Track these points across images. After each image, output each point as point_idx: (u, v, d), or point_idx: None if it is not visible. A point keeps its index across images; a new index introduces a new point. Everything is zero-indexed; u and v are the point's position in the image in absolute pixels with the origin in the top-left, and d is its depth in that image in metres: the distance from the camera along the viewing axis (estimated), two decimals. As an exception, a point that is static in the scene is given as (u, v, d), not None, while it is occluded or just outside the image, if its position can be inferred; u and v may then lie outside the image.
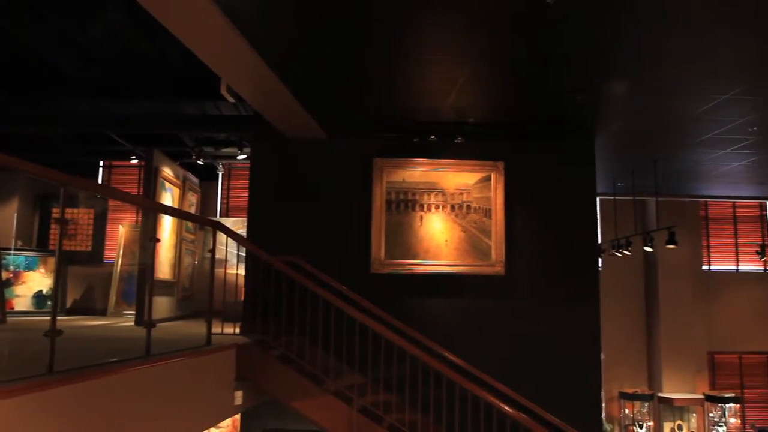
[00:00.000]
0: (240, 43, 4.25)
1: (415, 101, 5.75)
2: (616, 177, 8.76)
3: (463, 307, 6.48)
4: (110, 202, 9.75)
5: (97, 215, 9.53)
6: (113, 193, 7.60)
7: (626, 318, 10.56)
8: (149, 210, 5.80)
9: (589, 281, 6.59)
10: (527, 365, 6.39)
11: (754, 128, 6.35)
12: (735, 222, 11.12)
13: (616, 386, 10.31)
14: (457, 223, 6.49)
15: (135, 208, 9.78)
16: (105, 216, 9.83)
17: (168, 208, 7.10)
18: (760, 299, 10.91)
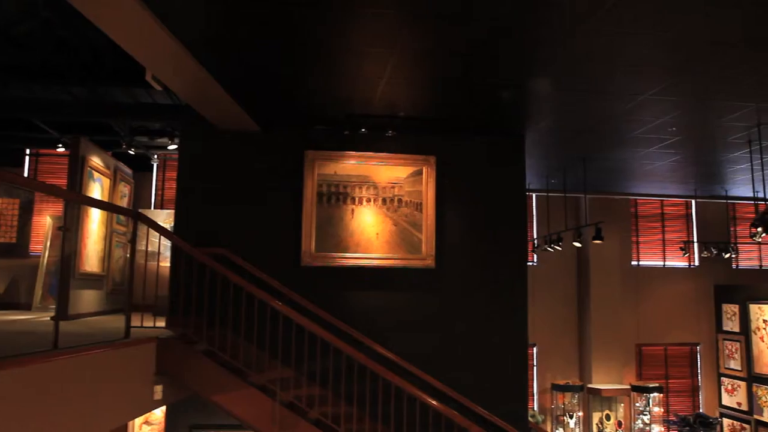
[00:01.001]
0: (158, 30, 4.15)
1: (346, 93, 5.73)
2: (549, 174, 8.98)
3: (394, 301, 6.52)
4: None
5: (23, 205, 9.16)
6: (13, 180, 7.30)
7: (560, 312, 10.85)
8: (66, 200, 5.59)
9: (517, 275, 6.73)
10: (457, 358, 6.50)
11: (673, 128, 6.61)
12: (662, 219, 11.57)
13: (549, 378, 10.59)
14: (389, 217, 6.52)
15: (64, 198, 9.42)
16: (31, 206, 9.45)
17: (80, 196, 6.83)
18: (685, 293, 11.40)
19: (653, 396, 10.20)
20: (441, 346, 6.49)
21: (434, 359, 6.39)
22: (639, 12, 4.01)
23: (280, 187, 6.50)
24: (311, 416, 5.34)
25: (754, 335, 10.47)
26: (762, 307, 10.29)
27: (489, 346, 6.57)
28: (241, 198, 6.47)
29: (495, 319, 6.62)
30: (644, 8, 3.96)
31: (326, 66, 5.07)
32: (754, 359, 10.43)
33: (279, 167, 6.53)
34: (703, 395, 11.32)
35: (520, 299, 6.69)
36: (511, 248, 6.75)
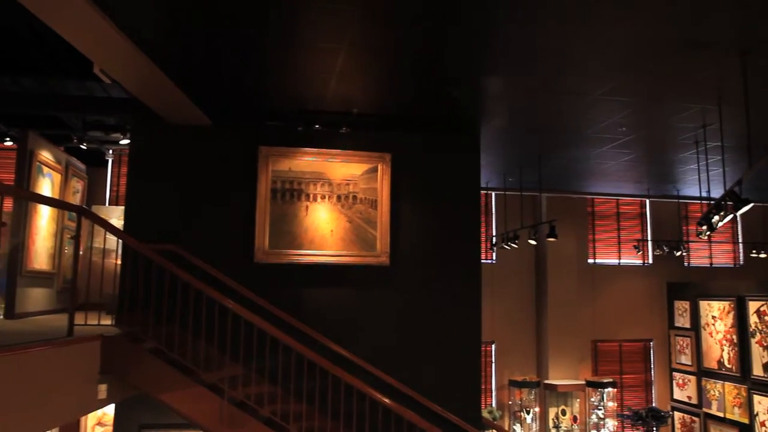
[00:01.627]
0: (101, 21, 4.06)
1: (298, 89, 5.71)
2: (507, 172, 9.08)
3: (349, 298, 6.52)
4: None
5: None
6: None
7: (518, 309, 10.99)
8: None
9: (472, 273, 6.78)
10: (411, 355, 6.52)
11: (623, 128, 6.75)
12: (618, 218, 11.81)
13: (508, 374, 10.71)
14: (343, 214, 6.51)
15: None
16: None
17: (18, 191, 6.65)
18: (639, 291, 11.66)
19: (607, 391, 10.41)
20: (395, 343, 6.50)
21: (388, 356, 6.40)
22: (585, 10, 4.08)
23: (234, 183, 6.44)
24: (262, 414, 5.31)
25: (703, 331, 10.77)
26: (711, 304, 10.59)
27: (443, 343, 6.61)
28: (193, 194, 6.38)
29: (449, 316, 6.66)
30: (591, 6, 4.03)
31: (276, 60, 5.04)
32: (704, 354, 10.73)
33: (232, 163, 6.47)
34: (656, 389, 11.60)
35: (473, 296, 6.74)
36: (466, 246, 6.80)
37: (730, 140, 6.98)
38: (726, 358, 10.25)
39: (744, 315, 9.89)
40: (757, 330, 9.65)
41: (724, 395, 10.25)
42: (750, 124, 5.26)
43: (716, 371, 10.45)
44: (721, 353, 10.36)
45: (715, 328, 10.50)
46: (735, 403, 10.03)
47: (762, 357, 9.54)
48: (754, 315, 9.69)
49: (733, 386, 10.07)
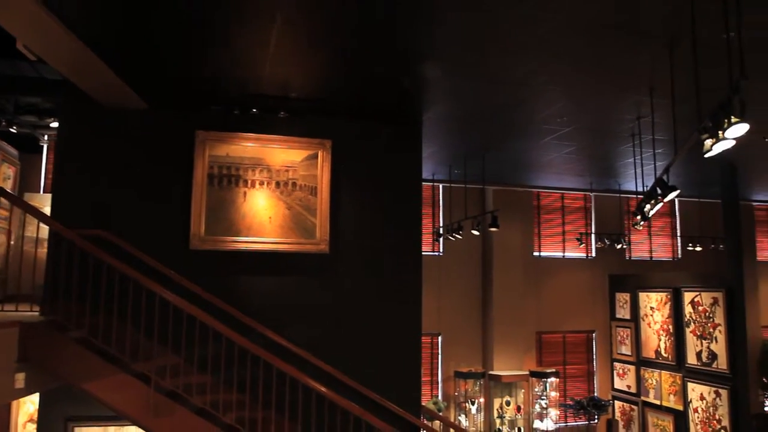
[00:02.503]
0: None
1: (233, 71, 5.58)
2: (452, 163, 9.12)
3: (287, 286, 6.42)
4: None
5: None
6: None
7: (465, 302, 11.08)
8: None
9: (412, 262, 6.77)
10: (351, 344, 6.47)
11: (563, 118, 6.85)
12: (563, 212, 12.03)
13: (454, 366, 10.78)
14: (282, 201, 6.41)
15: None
16: None
17: None
18: (582, 283, 11.91)
19: (550, 381, 10.59)
20: (334, 332, 6.44)
21: (328, 345, 6.33)
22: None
23: (170, 168, 6.26)
24: (193, 404, 5.18)
25: (642, 322, 11.07)
26: (649, 295, 10.89)
27: (383, 333, 6.58)
28: (127, 179, 6.17)
29: (389, 306, 6.63)
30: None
31: (209, 38, 4.91)
32: (642, 344, 11.03)
33: (169, 147, 6.28)
34: (598, 379, 11.88)
35: (414, 286, 6.73)
36: (407, 236, 6.79)
37: (663, 133, 7.17)
38: (663, 347, 10.56)
39: (680, 305, 10.20)
40: (691, 320, 9.97)
41: (660, 383, 10.56)
42: (676, 116, 5.40)
43: (654, 360, 10.76)
44: (659, 343, 10.66)
45: (653, 318, 10.80)
46: (671, 390, 10.35)
47: (696, 346, 9.86)
48: (689, 305, 10.01)
49: (669, 375, 10.39)
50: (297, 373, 5.33)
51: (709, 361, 9.60)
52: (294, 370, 5.30)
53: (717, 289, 9.49)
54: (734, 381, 9.14)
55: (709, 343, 9.60)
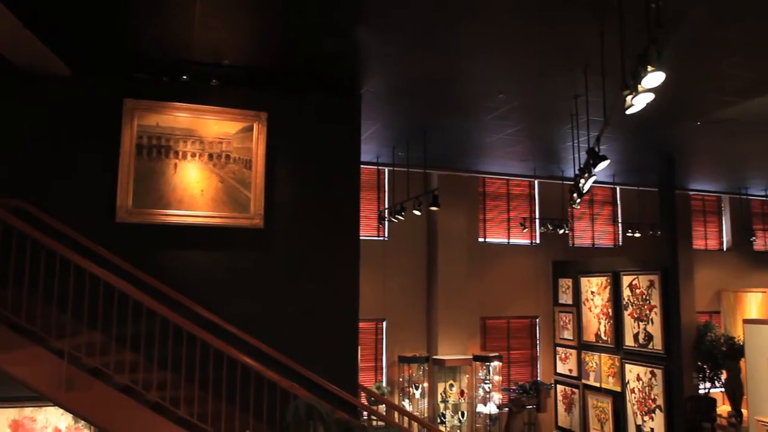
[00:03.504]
0: None
1: (159, 33, 5.36)
2: (396, 145, 9.06)
3: (220, 261, 6.23)
4: None
5: None
6: None
7: (410, 287, 11.04)
8: None
9: (349, 240, 6.66)
10: (286, 322, 6.31)
11: (501, 95, 6.86)
12: (508, 199, 12.14)
13: (398, 351, 10.73)
14: (215, 173, 6.22)
15: None
16: None
17: None
18: (527, 269, 12.04)
19: (494, 365, 10.66)
20: (269, 310, 6.28)
21: (262, 323, 6.17)
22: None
23: (95, 138, 5.98)
24: (118, 381, 4.98)
25: (583, 306, 11.28)
26: (590, 280, 11.10)
27: (319, 310, 6.45)
28: (49, 148, 5.87)
29: (325, 284, 6.51)
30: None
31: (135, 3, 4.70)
32: (583, 328, 11.24)
33: (94, 115, 6.01)
34: (541, 364, 12.03)
35: (351, 265, 6.63)
36: (345, 211, 6.68)
37: (600, 114, 7.28)
38: (603, 330, 10.77)
39: (618, 289, 10.42)
40: (629, 303, 10.19)
41: (600, 366, 10.77)
42: (606, 92, 5.45)
43: (594, 344, 10.97)
44: (599, 326, 10.87)
45: (594, 302, 11.01)
46: (610, 373, 10.56)
47: (633, 328, 10.08)
48: (627, 289, 10.24)
49: (608, 357, 10.60)
50: (228, 348, 5.18)
51: (645, 342, 9.83)
52: (226, 346, 5.16)
53: (653, 272, 9.73)
54: (668, 361, 9.38)
55: (646, 324, 9.83)
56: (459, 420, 10.48)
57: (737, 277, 14.19)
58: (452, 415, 10.50)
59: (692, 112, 7.56)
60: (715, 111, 7.43)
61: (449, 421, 10.44)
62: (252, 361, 5.43)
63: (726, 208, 14.48)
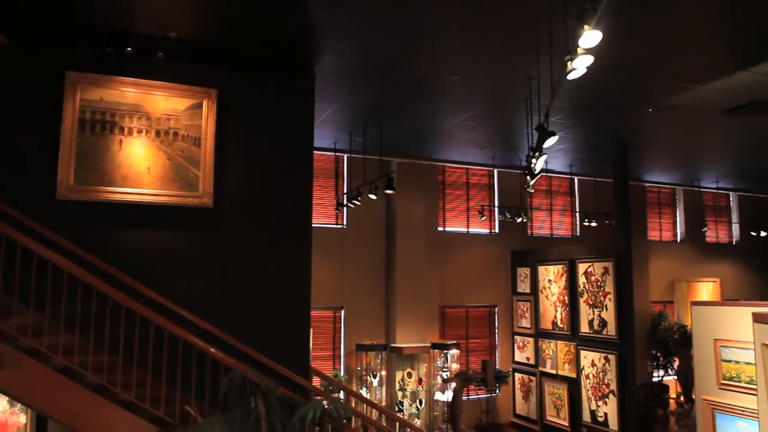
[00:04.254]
0: None
1: (104, 4, 5.18)
2: (353, 131, 8.98)
3: (167, 240, 6.07)
4: None
5: None
6: None
7: (368, 275, 10.98)
8: None
9: (302, 222, 6.57)
10: (236, 304, 6.19)
11: (456, 76, 6.84)
12: (468, 188, 12.18)
13: (356, 339, 10.65)
14: (162, 151, 6.05)
15: None
16: None
17: None
18: (486, 259, 12.10)
19: (452, 353, 10.67)
20: (218, 291, 6.14)
21: (211, 304, 6.03)
22: None
23: (36, 111, 5.76)
24: (56, 362, 4.80)
25: (540, 294, 11.39)
26: (548, 268, 11.21)
27: (270, 293, 6.33)
28: (-16, 122, 5.63)
29: (277, 265, 6.41)
30: None
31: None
32: (540, 316, 11.35)
33: (34, 88, 5.78)
34: (499, 353, 12.11)
35: (303, 246, 6.54)
36: (297, 194, 6.57)
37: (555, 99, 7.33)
38: (559, 318, 10.89)
39: (574, 277, 10.55)
40: (584, 290, 10.32)
41: (556, 353, 10.89)
42: (555, 70, 5.46)
43: (551, 332, 11.08)
44: (555, 314, 10.99)
45: (551, 290, 11.12)
46: (566, 359, 10.69)
47: (588, 315, 10.22)
48: (583, 276, 10.36)
49: (564, 344, 10.72)
50: (172, 326, 5.03)
51: (599, 328, 9.97)
52: (170, 324, 5.01)
53: (608, 259, 9.87)
54: (622, 346, 9.53)
55: (600, 311, 9.97)
56: (417, 408, 10.47)
57: (690, 267, 14.54)
58: (410, 403, 10.49)
59: (643, 97, 7.67)
60: (666, 97, 7.56)
61: (407, 409, 10.42)
62: (196, 338, 5.30)
63: (680, 200, 14.81)
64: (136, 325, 5.10)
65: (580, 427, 10.27)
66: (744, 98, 7.71)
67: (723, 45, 6.06)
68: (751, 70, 6.66)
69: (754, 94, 7.58)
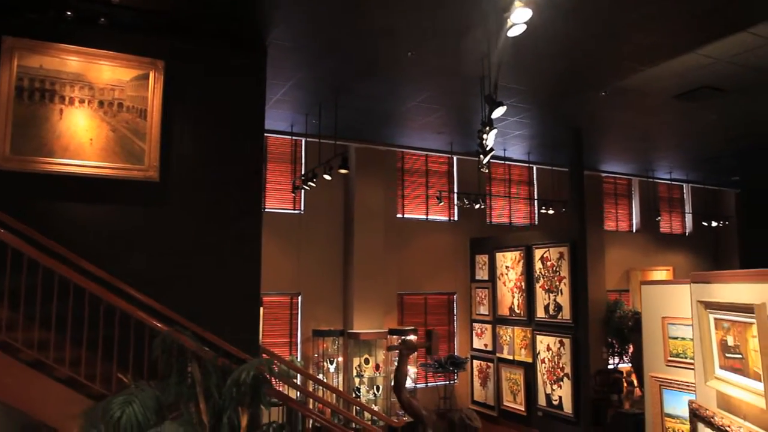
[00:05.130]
0: None
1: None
2: (309, 112, 8.87)
3: (111, 213, 5.88)
4: None
5: None
6: None
7: (326, 262, 10.87)
8: None
9: (252, 198, 6.45)
10: (182, 280, 6.03)
11: (410, 53, 6.80)
12: (427, 175, 12.17)
13: (314, 326, 10.54)
14: (106, 122, 5.86)
15: None
16: None
17: None
18: (445, 246, 12.11)
19: (409, 339, 10.64)
20: (164, 266, 5.98)
21: (155, 280, 5.86)
22: None
23: (-31, 79, 5.51)
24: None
25: (498, 281, 11.45)
26: (505, 255, 11.28)
27: (218, 269, 6.20)
28: None
29: (225, 241, 6.27)
30: None
31: None
32: (498, 303, 11.41)
33: (-32, 55, 5.53)
34: (458, 340, 12.14)
35: (253, 219, 6.42)
36: (247, 169, 6.45)
37: (508, 78, 7.36)
38: (516, 304, 10.97)
39: (531, 262, 10.63)
40: (541, 275, 10.41)
41: (513, 339, 10.97)
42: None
43: (508, 317, 11.15)
44: (512, 300, 11.06)
45: (508, 277, 11.20)
46: (522, 345, 10.77)
47: (544, 300, 10.31)
48: (539, 262, 10.45)
49: (521, 330, 10.81)
50: (116, 299, 4.86)
51: (555, 313, 10.07)
52: (115, 297, 4.84)
53: (563, 244, 9.97)
54: (576, 329, 9.64)
55: (556, 296, 10.07)
56: (374, 394, 10.41)
57: (645, 256, 14.84)
58: (367, 390, 10.42)
59: (595, 79, 7.75)
60: (617, 79, 7.65)
61: (364, 395, 10.36)
62: (140, 312, 5.14)
63: (636, 191, 15.10)
64: (71, 298, 4.93)
65: (536, 410, 10.37)
66: (694, 83, 7.88)
67: (670, 23, 6.14)
68: (698, 52, 6.80)
69: (704, 80, 7.74)
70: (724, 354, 3.36)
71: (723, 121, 9.71)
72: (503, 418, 11.12)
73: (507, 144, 11.08)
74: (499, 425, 11.08)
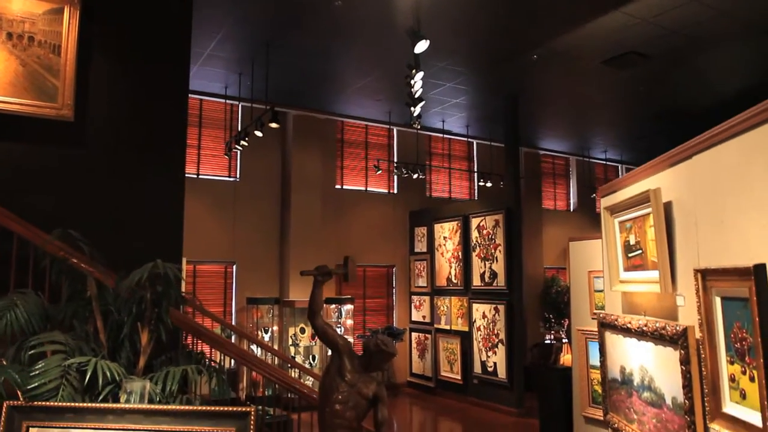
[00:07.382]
0: None
1: None
2: (242, 71, 8.69)
3: (19, 152, 5.57)
4: None
5: None
6: None
7: (262, 231, 10.69)
8: None
9: (175, 141, 6.21)
10: (97, 226, 5.77)
11: (338, 2, 6.72)
12: (366, 147, 12.12)
13: (249, 295, 10.34)
14: (15, 55, 5.54)
15: None
16: None
17: None
18: (384, 218, 12.09)
19: (346, 308, 10.58)
20: (77, 210, 5.70)
21: (68, 224, 5.59)
22: None
23: None
24: None
25: (436, 252, 11.50)
26: (443, 225, 11.34)
27: (138, 215, 5.96)
28: None
29: (145, 187, 6.01)
30: None
31: None
32: (436, 274, 11.47)
33: None
34: (397, 313, 12.14)
35: (176, 169, 6.18)
36: (169, 110, 6.20)
37: (439, 34, 7.36)
38: (453, 274, 11.04)
39: (468, 232, 10.72)
40: (477, 244, 10.51)
41: (450, 309, 11.03)
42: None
43: (445, 288, 11.22)
44: (450, 270, 11.13)
45: (446, 247, 11.26)
46: (459, 314, 10.84)
47: (480, 268, 10.41)
48: (476, 230, 10.55)
49: (458, 299, 10.88)
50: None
51: (490, 280, 10.18)
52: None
53: (498, 211, 10.09)
54: (510, 295, 9.76)
55: (491, 263, 10.18)
56: (310, 364, 10.29)
57: (582, 234, 15.14)
58: (303, 359, 10.30)
59: (525, 40, 7.85)
60: (546, 39, 7.77)
61: (300, 365, 10.22)
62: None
63: (573, 170, 15.45)
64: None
65: (472, 379, 10.45)
66: (621, 47, 8.08)
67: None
68: (622, 11, 6.96)
69: (630, 44, 7.95)
70: (627, 255, 3.42)
71: (651, 93, 10.01)
72: (440, 388, 11.18)
73: (446, 115, 11.15)
74: (436, 395, 11.12)
